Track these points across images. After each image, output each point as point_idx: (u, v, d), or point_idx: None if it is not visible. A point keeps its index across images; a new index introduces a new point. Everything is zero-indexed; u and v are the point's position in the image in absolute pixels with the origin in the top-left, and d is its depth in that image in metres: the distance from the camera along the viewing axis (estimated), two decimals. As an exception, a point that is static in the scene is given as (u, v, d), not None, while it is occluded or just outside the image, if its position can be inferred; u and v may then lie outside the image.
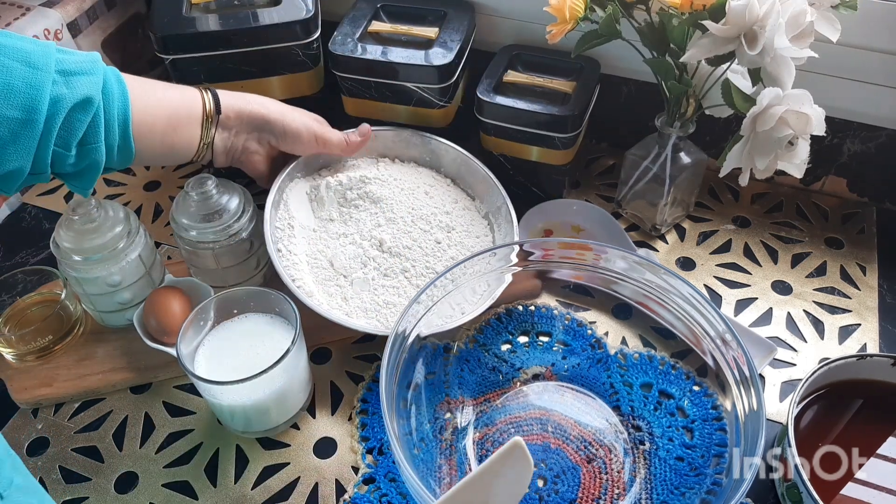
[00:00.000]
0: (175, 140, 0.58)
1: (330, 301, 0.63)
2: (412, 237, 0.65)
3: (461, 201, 0.71)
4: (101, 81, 0.51)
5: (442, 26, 0.73)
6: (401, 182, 0.69)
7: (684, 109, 0.65)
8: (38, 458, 0.58)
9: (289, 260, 0.63)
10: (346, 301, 0.63)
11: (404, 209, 0.67)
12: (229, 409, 0.55)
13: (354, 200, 0.67)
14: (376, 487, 0.54)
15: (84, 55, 0.52)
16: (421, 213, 0.67)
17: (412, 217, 0.66)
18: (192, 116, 0.58)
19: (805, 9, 0.52)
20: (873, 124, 0.71)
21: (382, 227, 0.66)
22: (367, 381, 0.62)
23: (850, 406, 0.56)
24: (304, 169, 0.69)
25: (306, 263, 0.64)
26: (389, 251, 0.64)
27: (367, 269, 0.64)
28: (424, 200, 0.68)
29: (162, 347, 0.60)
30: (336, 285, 0.63)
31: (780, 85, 0.54)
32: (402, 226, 0.66)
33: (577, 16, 0.60)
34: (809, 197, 0.78)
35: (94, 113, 0.50)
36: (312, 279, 0.63)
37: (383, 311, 0.62)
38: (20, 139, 0.47)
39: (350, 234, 0.66)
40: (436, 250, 0.65)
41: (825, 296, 0.68)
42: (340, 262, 0.64)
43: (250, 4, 0.73)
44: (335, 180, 0.68)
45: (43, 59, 0.48)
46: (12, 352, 0.62)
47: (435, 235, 0.66)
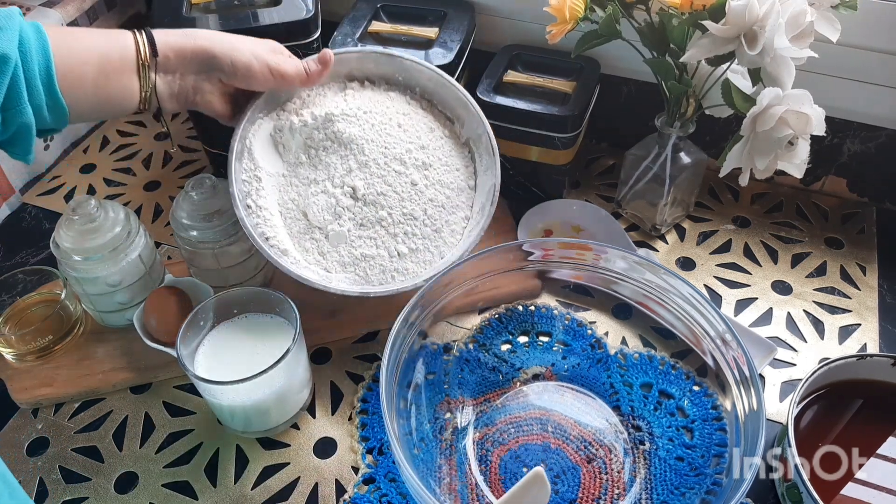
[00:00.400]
0: (111, 91, 0.53)
1: (307, 257, 0.60)
2: (386, 181, 0.61)
3: (438, 129, 0.65)
4: (16, 37, 0.46)
5: (442, 26, 0.73)
6: (371, 116, 0.62)
7: (684, 109, 0.65)
8: (38, 458, 0.58)
9: (259, 216, 0.59)
10: (324, 256, 0.60)
11: (376, 150, 0.61)
12: (229, 409, 0.55)
13: (322, 142, 0.62)
14: (376, 487, 0.54)
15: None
16: (394, 153, 0.61)
17: (385, 158, 0.61)
18: (126, 62, 0.53)
19: (805, 9, 0.52)
20: (873, 124, 0.71)
21: (354, 173, 0.61)
22: (367, 381, 0.62)
23: (850, 406, 0.56)
24: (266, 107, 0.62)
25: (279, 216, 0.61)
26: (363, 199, 0.60)
27: (343, 221, 0.60)
28: (398, 135, 0.62)
29: (162, 347, 0.60)
30: (311, 239, 0.60)
31: (780, 85, 0.54)
32: (374, 169, 0.61)
33: (577, 16, 0.60)
34: (809, 197, 0.78)
35: (13, 73, 0.46)
36: (286, 233, 0.60)
37: (361, 265, 0.60)
38: None
39: (321, 180, 0.61)
40: (412, 193, 0.61)
41: (825, 296, 0.68)
42: (314, 214, 0.60)
43: (250, 4, 0.73)
44: (299, 120, 0.62)
45: None
46: (12, 352, 0.62)
47: (411, 177, 0.61)
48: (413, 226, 0.60)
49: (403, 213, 0.60)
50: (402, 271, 0.60)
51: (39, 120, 0.49)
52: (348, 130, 0.61)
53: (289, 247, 0.59)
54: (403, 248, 0.58)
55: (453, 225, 0.62)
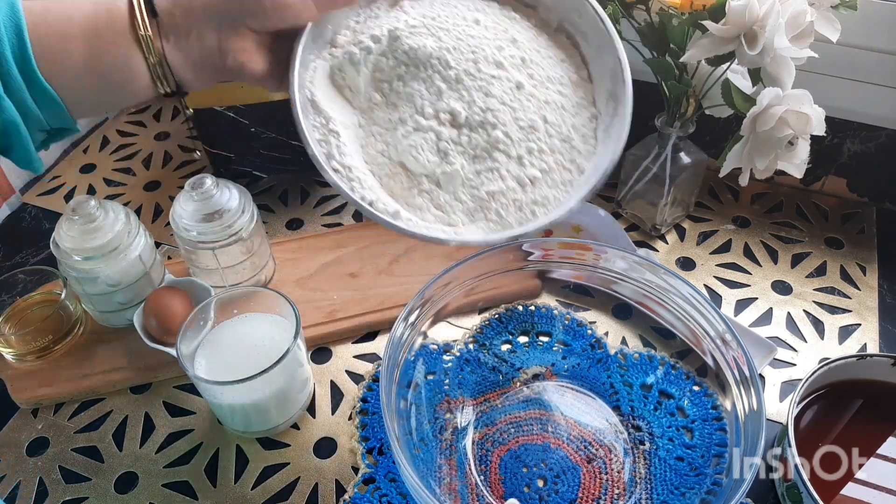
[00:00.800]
0: (107, 69, 0.42)
1: (425, 216, 0.47)
2: (487, 92, 0.47)
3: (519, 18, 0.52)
4: None
5: (442, 26, 0.73)
6: (441, 21, 0.49)
7: (684, 109, 0.65)
8: (38, 458, 0.58)
9: (353, 178, 0.46)
10: (442, 209, 0.48)
11: (463, 58, 0.47)
12: (229, 409, 0.55)
13: (395, 69, 0.48)
14: (376, 487, 0.54)
15: None
16: (485, 55, 0.48)
17: (476, 65, 0.47)
18: (118, 29, 0.41)
19: (805, 9, 0.52)
20: (873, 124, 0.71)
21: (446, 95, 0.47)
22: (367, 381, 0.62)
23: (850, 406, 0.56)
24: (315, 47, 0.49)
25: (371, 175, 0.48)
26: (468, 123, 0.47)
27: (451, 158, 0.47)
28: (480, 34, 0.49)
29: (162, 347, 0.60)
30: (420, 192, 0.48)
31: (780, 85, 0.54)
32: (469, 83, 0.47)
33: (577, 16, 0.59)
34: (809, 197, 0.78)
35: None
36: (388, 195, 0.48)
37: (491, 207, 0.47)
38: None
39: (407, 117, 0.48)
40: (522, 99, 0.48)
41: (825, 296, 0.68)
42: (412, 160, 0.47)
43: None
44: (359, 49, 0.48)
45: None
46: (12, 352, 0.62)
47: (514, 78, 0.48)
48: (536, 139, 0.48)
49: (520, 126, 0.47)
50: (540, 202, 0.48)
51: (30, 117, 0.41)
52: (422, 44, 0.47)
53: (399, 209, 0.47)
54: (533, 171, 0.47)
55: (582, 129, 0.50)
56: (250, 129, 0.78)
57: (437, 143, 0.47)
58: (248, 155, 0.81)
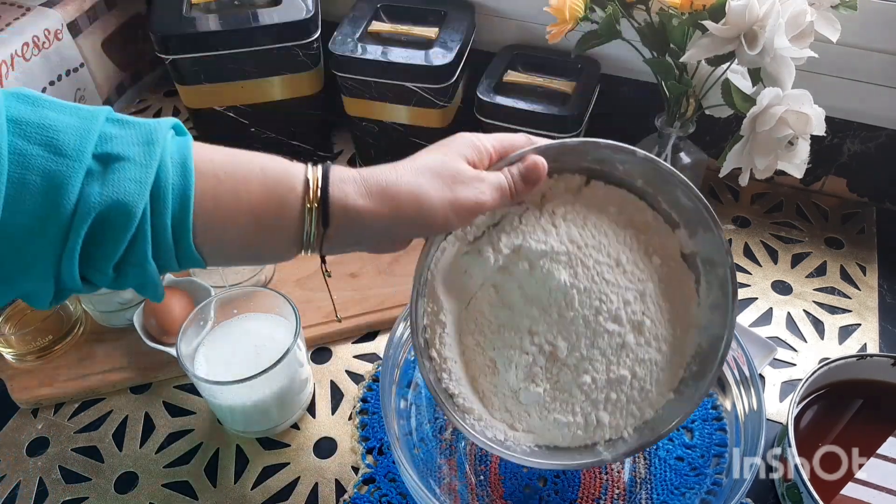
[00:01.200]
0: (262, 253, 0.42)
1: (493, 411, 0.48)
2: (595, 344, 0.47)
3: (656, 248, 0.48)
4: (150, 178, 0.35)
5: (442, 26, 0.73)
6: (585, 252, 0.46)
7: (684, 109, 0.65)
8: (38, 458, 0.58)
9: (443, 369, 0.47)
10: (511, 413, 0.48)
11: (588, 304, 0.46)
12: (229, 409, 0.55)
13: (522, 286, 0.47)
14: (376, 487, 0.54)
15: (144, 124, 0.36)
16: (609, 308, 0.46)
17: (596, 316, 0.46)
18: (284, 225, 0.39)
19: (805, 9, 0.52)
20: (873, 124, 0.71)
21: (555, 329, 0.47)
22: (367, 381, 0.62)
23: (850, 406, 0.56)
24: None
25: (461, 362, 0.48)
26: (564, 361, 0.47)
27: (539, 381, 0.47)
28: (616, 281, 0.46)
29: (162, 347, 0.60)
30: (499, 393, 0.48)
31: (780, 85, 0.54)
32: (582, 329, 0.46)
33: (577, 16, 0.60)
34: (809, 197, 0.78)
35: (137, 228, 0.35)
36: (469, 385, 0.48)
37: (552, 431, 0.48)
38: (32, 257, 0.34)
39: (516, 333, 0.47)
40: (622, 355, 0.47)
41: (825, 296, 0.68)
42: (505, 368, 0.48)
43: (250, 4, 0.73)
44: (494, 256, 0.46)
45: (77, 141, 0.34)
46: (12, 352, 0.62)
47: (624, 337, 0.47)
48: (619, 390, 0.48)
49: (609, 378, 0.47)
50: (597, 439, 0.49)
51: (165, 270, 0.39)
52: (558, 276, 0.46)
53: (474, 404, 0.48)
54: (604, 414, 0.47)
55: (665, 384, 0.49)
56: (250, 129, 0.78)
57: (531, 367, 0.47)
58: (248, 155, 0.81)
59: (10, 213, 0.32)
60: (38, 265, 0.34)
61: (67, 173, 0.33)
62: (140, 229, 0.35)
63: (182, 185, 0.36)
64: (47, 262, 0.34)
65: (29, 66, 0.75)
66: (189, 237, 0.37)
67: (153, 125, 0.37)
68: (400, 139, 0.77)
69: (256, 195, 0.38)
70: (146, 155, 0.35)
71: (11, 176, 0.32)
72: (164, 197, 0.35)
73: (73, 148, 0.33)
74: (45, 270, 0.34)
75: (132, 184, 0.34)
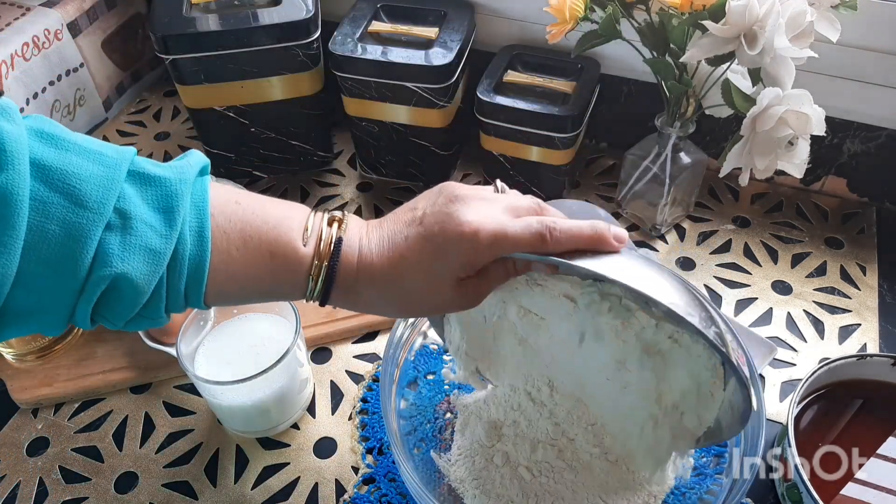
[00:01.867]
0: (264, 301, 0.43)
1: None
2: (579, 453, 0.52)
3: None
4: (170, 250, 0.35)
5: (442, 26, 0.73)
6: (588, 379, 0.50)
7: (684, 109, 0.65)
8: (38, 458, 0.58)
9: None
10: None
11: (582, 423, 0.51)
12: (229, 409, 0.55)
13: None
14: (376, 487, 0.54)
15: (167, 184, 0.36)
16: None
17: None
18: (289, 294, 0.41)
19: (805, 9, 0.52)
20: (873, 124, 0.71)
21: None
22: (367, 381, 0.62)
23: (850, 406, 0.56)
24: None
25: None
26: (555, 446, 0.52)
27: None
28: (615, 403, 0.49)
29: (162, 347, 0.60)
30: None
31: (780, 85, 0.54)
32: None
33: (577, 16, 0.60)
34: (809, 197, 0.78)
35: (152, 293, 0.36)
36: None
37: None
38: (48, 303, 0.34)
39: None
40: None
41: (825, 296, 0.68)
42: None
43: (250, 4, 0.73)
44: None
45: (100, 193, 0.33)
46: (12, 352, 0.62)
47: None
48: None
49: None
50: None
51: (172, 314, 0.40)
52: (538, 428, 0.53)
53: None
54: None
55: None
56: (250, 129, 0.78)
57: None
58: (247, 155, 0.81)
59: (28, 261, 0.32)
60: (52, 310, 0.34)
61: (87, 227, 0.33)
62: (155, 293, 0.36)
63: (198, 258, 0.36)
64: (62, 309, 0.34)
65: (29, 66, 0.75)
66: (201, 300, 0.38)
67: (175, 184, 0.36)
68: (400, 139, 0.77)
69: (264, 270, 0.39)
70: (166, 225, 0.35)
71: (31, 223, 0.32)
72: (180, 268, 0.36)
73: (94, 200, 0.33)
74: (59, 315, 0.35)
75: (149, 257, 0.34)
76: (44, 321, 0.35)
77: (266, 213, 0.39)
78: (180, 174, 0.36)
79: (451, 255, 0.39)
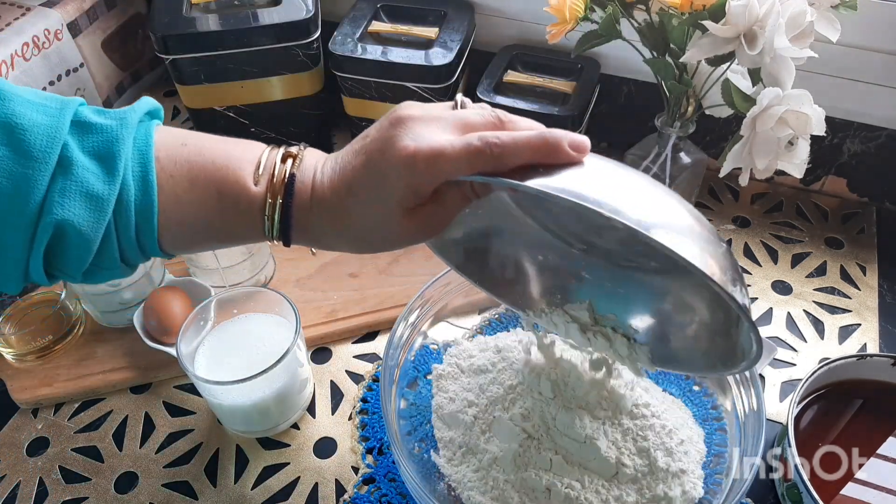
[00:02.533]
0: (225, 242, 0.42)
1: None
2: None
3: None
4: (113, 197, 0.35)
5: (442, 26, 0.73)
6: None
7: (684, 109, 0.65)
8: (38, 458, 0.58)
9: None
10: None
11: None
12: (229, 409, 0.55)
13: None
14: (376, 487, 0.54)
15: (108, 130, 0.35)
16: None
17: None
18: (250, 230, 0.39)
19: (805, 9, 0.52)
20: (873, 124, 0.71)
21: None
22: (367, 381, 0.62)
23: (850, 406, 0.56)
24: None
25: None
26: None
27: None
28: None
29: (162, 347, 0.60)
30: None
31: (780, 85, 0.54)
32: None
33: (577, 16, 0.59)
34: (809, 197, 0.78)
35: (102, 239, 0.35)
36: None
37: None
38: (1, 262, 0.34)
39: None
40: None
41: (825, 296, 0.68)
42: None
43: (250, 4, 0.73)
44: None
45: (44, 141, 0.33)
46: (12, 352, 0.62)
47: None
48: None
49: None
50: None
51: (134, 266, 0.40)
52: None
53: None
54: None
55: None
56: (250, 129, 0.78)
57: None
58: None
59: None
60: (6, 265, 0.34)
61: (34, 177, 0.33)
62: (106, 241, 0.35)
63: (144, 203, 0.36)
64: (16, 263, 0.34)
65: (29, 66, 0.75)
66: (156, 246, 0.37)
67: (115, 129, 0.36)
68: (400, 139, 0.76)
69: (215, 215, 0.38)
70: (105, 170, 0.35)
71: None
72: (126, 214, 0.35)
73: (39, 150, 0.33)
74: (14, 269, 0.35)
75: (90, 203, 0.34)
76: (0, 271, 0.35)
77: (215, 153, 0.38)
78: (121, 120, 0.36)
79: (391, 182, 0.36)
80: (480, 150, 0.35)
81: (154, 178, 0.36)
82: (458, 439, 0.53)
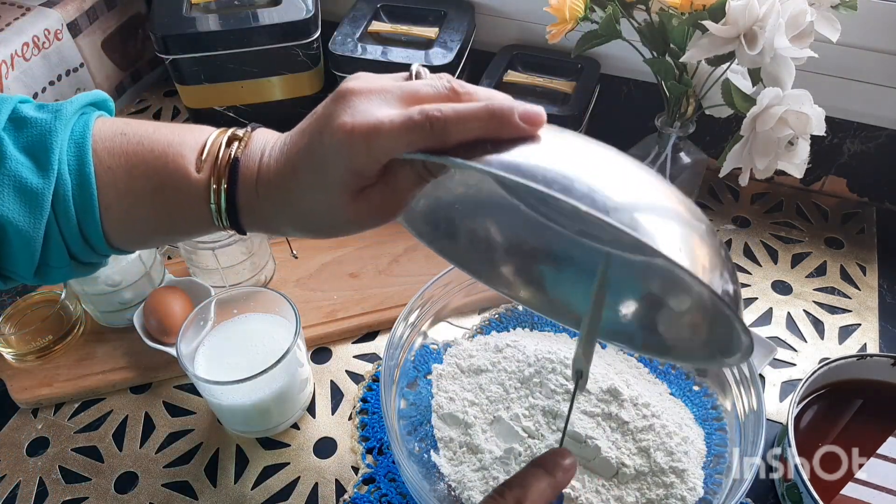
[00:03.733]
0: (174, 234, 0.40)
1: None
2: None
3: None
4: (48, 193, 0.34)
5: (442, 26, 0.73)
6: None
7: (684, 109, 0.65)
8: (38, 458, 0.58)
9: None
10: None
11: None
12: (229, 409, 0.55)
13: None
14: (376, 487, 0.54)
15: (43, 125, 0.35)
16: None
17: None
18: (198, 218, 0.37)
19: (805, 9, 0.52)
20: (873, 124, 0.71)
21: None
22: (367, 381, 0.62)
23: (850, 406, 0.56)
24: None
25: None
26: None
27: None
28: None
29: (162, 347, 0.60)
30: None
31: (780, 85, 0.54)
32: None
33: (577, 16, 0.59)
34: (809, 197, 0.78)
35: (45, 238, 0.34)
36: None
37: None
38: None
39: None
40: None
41: (825, 296, 0.68)
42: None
43: (250, 4, 0.73)
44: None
45: None
46: (12, 352, 0.62)
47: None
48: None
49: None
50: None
51: (90, 266, 0.39)
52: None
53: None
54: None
55: None
56: (250, 129, 0.78)
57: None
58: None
59: None
60: None
61: None
62: (50, 238, 0.34)
63: (82, 197, 0.35)
64: None
65: (29, 66, 0.75)
66: (102, 242, 0.36)
67: (49, 123, 0.35)
68: (400, 139, 0.76)
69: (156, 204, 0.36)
70: (37, 164, 0.34)
71: None
72: (65, 208, 0.34)
73: None
74: None
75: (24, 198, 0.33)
76: None
77: (154, 141, 0.36)
78: (56, 112, 0.35)
79: (331, 162, 0.33)
80: (420, 123, 0.31)
81: (91, 170, 0.35)
82: (458, 439, 0.53)
